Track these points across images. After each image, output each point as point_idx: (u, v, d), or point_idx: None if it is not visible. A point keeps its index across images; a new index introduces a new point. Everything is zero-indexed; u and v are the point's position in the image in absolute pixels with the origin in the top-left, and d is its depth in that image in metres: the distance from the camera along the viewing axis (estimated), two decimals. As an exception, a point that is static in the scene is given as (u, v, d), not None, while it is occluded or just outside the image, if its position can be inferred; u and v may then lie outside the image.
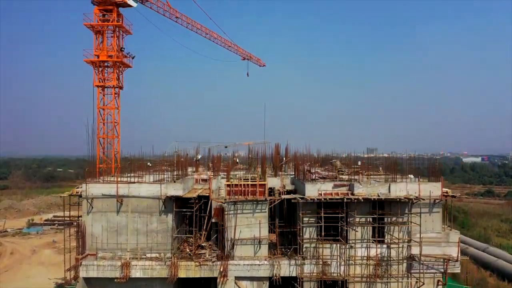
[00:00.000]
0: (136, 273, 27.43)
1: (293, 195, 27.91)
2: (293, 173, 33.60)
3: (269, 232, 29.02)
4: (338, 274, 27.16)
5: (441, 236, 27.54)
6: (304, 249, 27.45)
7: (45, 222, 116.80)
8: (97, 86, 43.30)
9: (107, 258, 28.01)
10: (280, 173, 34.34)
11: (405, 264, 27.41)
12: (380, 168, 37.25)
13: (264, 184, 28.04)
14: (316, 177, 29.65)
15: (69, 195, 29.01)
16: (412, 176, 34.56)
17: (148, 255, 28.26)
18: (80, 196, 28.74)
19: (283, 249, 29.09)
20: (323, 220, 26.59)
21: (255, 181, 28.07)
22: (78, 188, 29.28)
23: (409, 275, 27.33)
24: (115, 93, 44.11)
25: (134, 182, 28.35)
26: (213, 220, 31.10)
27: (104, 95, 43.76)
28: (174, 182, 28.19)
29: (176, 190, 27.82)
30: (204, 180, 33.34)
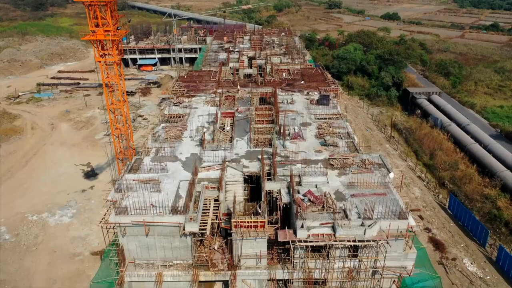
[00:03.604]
0: (167, 279, 36.50)
1: (288, 231, 34.44)
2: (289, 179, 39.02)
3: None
4: (320, 277, 36.24)
5: (402, 254, 35.38)
6: (294, 263, 35.63)
7: (52, 81, 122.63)
8: (99, 61, 43.16)
9: (143, 267, 36.58)
10: (276, 175, 39.63)
11: (370, 271, 36.09)
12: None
13: (264, 221, 34.35)
14: (306, 200, 35.58)
15: (105, 224, 35.43)
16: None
17: (175, 262, 36.78)
18: (114, 225, 35.30)
19: (279, 252, 37.41)
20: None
21: (257, 220, 34.29)
22: (108, 214, 35.46)
23: (373, 278, 36.41)
24: (118, 65, 44.16)
25: (157, 222, 34.43)
26: (222, 225, 38.45)
27: (107, 68, 44.08)
28: (191, 219, 34.27)
29: (192, 227, 34.24)
30: (213, 188, 39.03)
